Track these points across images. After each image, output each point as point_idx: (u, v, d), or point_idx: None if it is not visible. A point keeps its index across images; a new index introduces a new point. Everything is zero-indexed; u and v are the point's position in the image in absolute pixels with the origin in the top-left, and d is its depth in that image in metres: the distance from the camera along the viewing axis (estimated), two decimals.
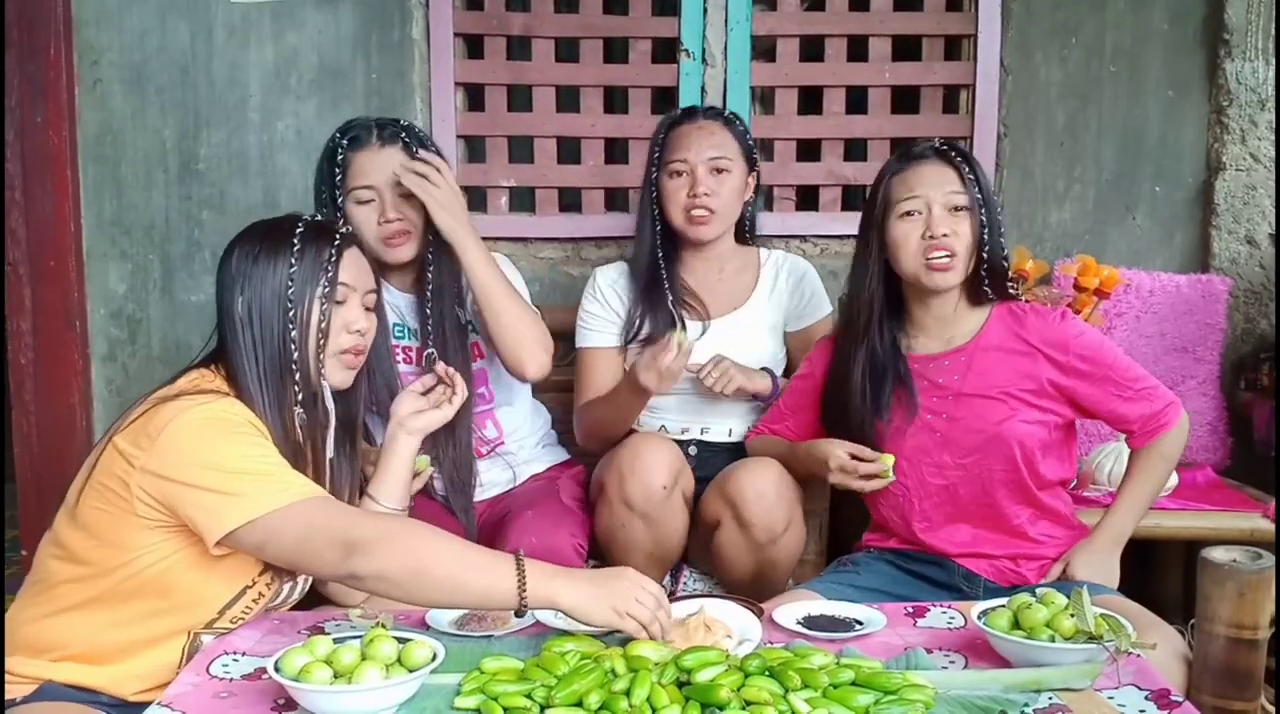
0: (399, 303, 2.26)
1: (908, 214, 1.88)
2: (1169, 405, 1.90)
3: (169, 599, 1.54)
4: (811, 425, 2.10)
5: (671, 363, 2.04)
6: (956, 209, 1.86)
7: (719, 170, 2.26)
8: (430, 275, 2.17)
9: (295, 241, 1.63)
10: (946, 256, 1.85)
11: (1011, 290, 1.94)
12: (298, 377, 1.61)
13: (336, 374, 1.69)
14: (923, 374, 1.94)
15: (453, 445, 2.17)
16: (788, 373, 2.40)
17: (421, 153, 2.13)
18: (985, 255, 1.87)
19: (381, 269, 2.23)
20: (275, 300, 1.60)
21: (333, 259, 1.64)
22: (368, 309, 1.73)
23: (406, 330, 2.26)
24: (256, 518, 1.44)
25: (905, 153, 1.94)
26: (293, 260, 1.61)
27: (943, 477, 1.93)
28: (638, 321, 2.32)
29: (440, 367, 1.90)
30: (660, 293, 2.31)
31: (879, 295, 1.94)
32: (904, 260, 1.89)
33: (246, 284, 1.61)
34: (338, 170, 2.14)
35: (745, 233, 2.42)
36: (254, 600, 1.60)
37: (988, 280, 1.90)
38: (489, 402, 2.32)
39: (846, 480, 1.92)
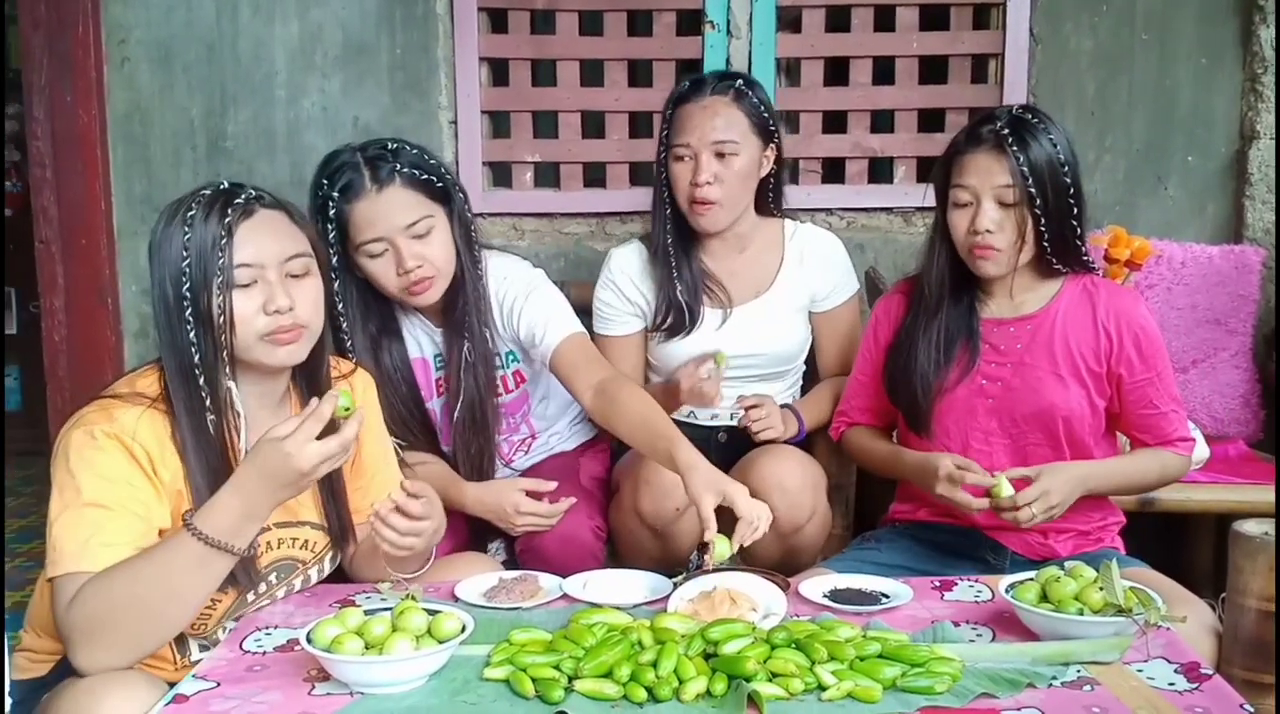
0: (435, 335, 2.16)
1: (958, 203, 1.85)
2: (1185, 440, 1.92)
3: None
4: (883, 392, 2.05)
5: (709, 387, 2.06)
6: (1005, 205, 1.82)
7: (724, 154, 2.14)
8: (457, 311, 2.08)
9: (187, 227, 1.47)
10: (990, 250, 1.83)
11: (1088, 263, 1.91)
12: (201, 379, 1.49)
13: (273, 356, 1.54)
14: (986, 337, 1.92)
15: (476, 440, 2.14)
16: (811, 353, 2.37)
17: (524, 508, 2.03)
18: (1046, 244, 1.84)
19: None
20: (176, 299, 1.48)
21: (224, 241, 1.47)
22: (295, 276, 1.54)
23: (444, 360, 2.16)
24: (53, 577, 1.43)
25: (971, 132, 1.87)
26: (184, 250, 1.47)
27: (987, 444, 1.92)
28: (660, 310, 2.26)
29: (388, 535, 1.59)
30: (673, 284, 2.24)
31: (948, 270, 1.92)
32: (955, 246, 1.88)
33: (154, 282, 1.51)
34: (331, 227, 1.95)
35: (770, 205, 2.31)
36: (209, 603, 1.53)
37: (1056, 260, 1.87)
38: (523, 416, 2.28)
39: (952, 493, 1.82)
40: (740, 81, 2.20)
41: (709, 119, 2.14)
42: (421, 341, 2.18)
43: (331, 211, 1.94)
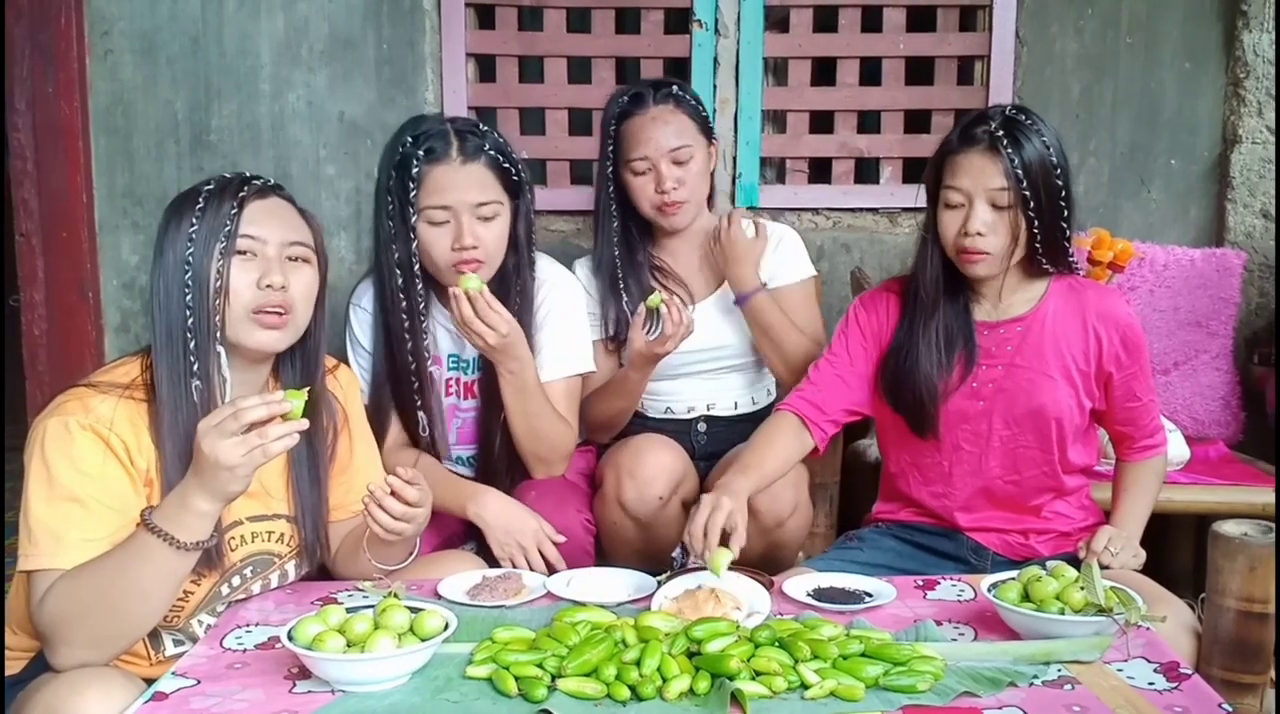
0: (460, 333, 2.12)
1: (949, 205, 1.83)
2: (1161, 428, 1.98)
3: None
4: (859, 390, 2.00)
5: (656, 338, 2.03)
6: (998, 207, 1.80)
7: (680, 161, 2.19)
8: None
9: (199, 200, 1.53)
10: (979, 253, 1.81)
11: (1072, 264, 1.91)
12: (192, 344, 1.50)
13: (253, 335, 1.54)
14: (977, 340, 1.91)
15: (483, 438, 2.13)
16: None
17: (489, 306, 1.90)
18: (1038, 244, 1.82)
19: (440, 294, 2.11)
20: (177, 266, 1.51)
21: (233, 212, 1.52)
22: (293, 260, 1.58)
23: (460, 361, 2.16)
24: (27, 571, 1.43)
25: (964, 131, 1.84)
26: (193, 220, 1.51)
27: (977, 445, 1.92)
28: (609, 324, 2.28)
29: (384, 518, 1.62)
30: (631, 288, 2.26)
31: (940, 271, 1.90)
32: (944, 247, 1.86)
33: (157, 255, 1.53)
34: (412, 184, 1.96)
35: (712, 202, 2.36)
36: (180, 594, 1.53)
37: (1045, 261, 1.85)
38: None
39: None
40: (675, 87, 2.24)
41: (662, 128, 2.19)
42: (440, 339, 2.15)
43: (414, 169, 1.96)
